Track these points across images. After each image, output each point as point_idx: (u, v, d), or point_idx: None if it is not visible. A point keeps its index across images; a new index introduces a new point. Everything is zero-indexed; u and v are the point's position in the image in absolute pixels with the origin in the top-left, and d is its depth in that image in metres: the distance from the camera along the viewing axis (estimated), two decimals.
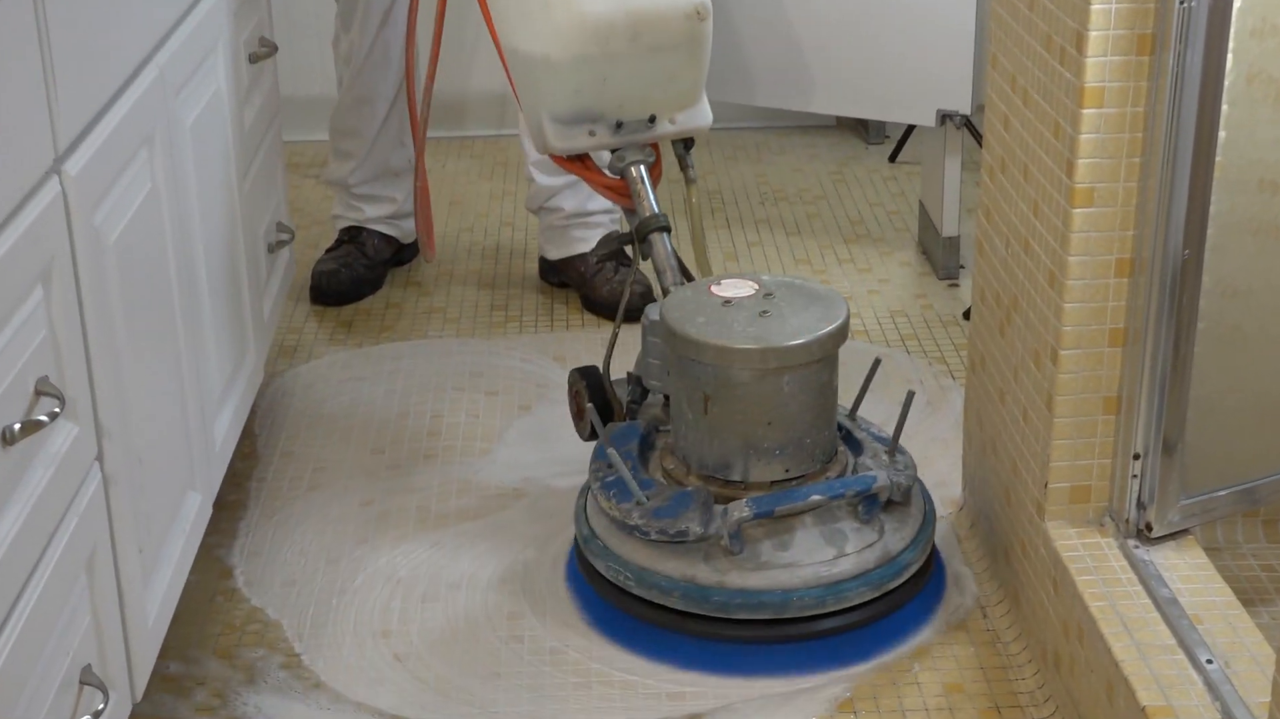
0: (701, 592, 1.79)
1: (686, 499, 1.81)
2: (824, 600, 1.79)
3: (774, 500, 1.79)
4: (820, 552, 1.80)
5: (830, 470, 1.88)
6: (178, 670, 1.85)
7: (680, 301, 1.89)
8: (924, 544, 1.88)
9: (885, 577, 1.82)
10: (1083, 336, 1.71)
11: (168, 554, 1.70)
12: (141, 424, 1.61)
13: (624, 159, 2.10)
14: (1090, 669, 1.63)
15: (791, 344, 1.80)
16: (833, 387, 1.87)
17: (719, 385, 1.82)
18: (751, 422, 1.83)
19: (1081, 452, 1.75)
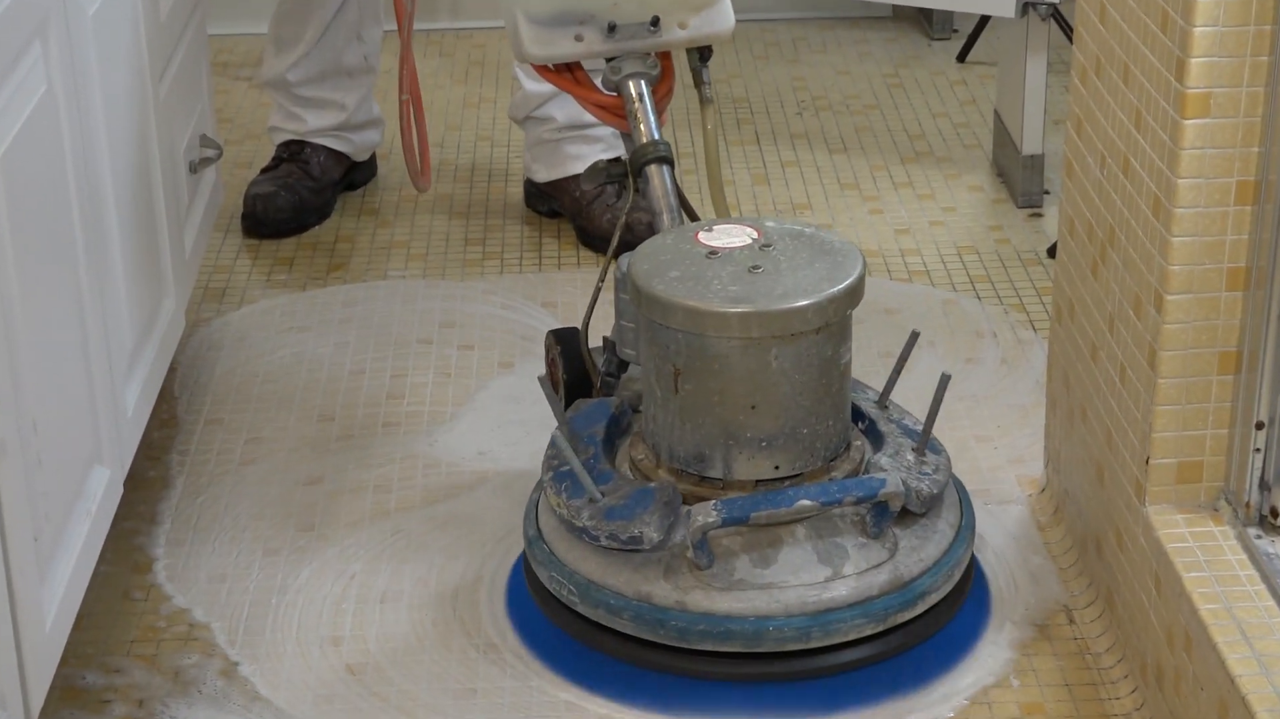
0: (657, 614, 1.75)
1: (647, 497, 1.78)
2: (808, 633, 1.74)
3: (750, 504, 1.75)
4: (810, 571, 1.76)
5: (836, 470, 1.84)
6: (94, 682, 1.87)
7: (654, 250, 1.85)
8: (951, 569, 1.83)
9: (892, 607, 1.77)
10: (1194, 278, 1.71)
11: (69, 542, 1.72)
12: (36, 384, 1.61)
13: (619, 71, 2.07)
14: (1200, 686, 1.65)
15: (781, 308, 1.75)
16: (840, 363, 1.81)
17: (691, 357, 1.78)
18: (731, 405, 1.78)
19: (1192, 420, 1.76)
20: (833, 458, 1.84)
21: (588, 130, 2.79)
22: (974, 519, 1.91)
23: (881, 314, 2.60)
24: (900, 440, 1.89)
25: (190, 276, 2.34)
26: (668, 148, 2.05)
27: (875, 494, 1.77)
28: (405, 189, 2.98)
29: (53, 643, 1.63)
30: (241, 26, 3.62)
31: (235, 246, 2.81)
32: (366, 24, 2.85)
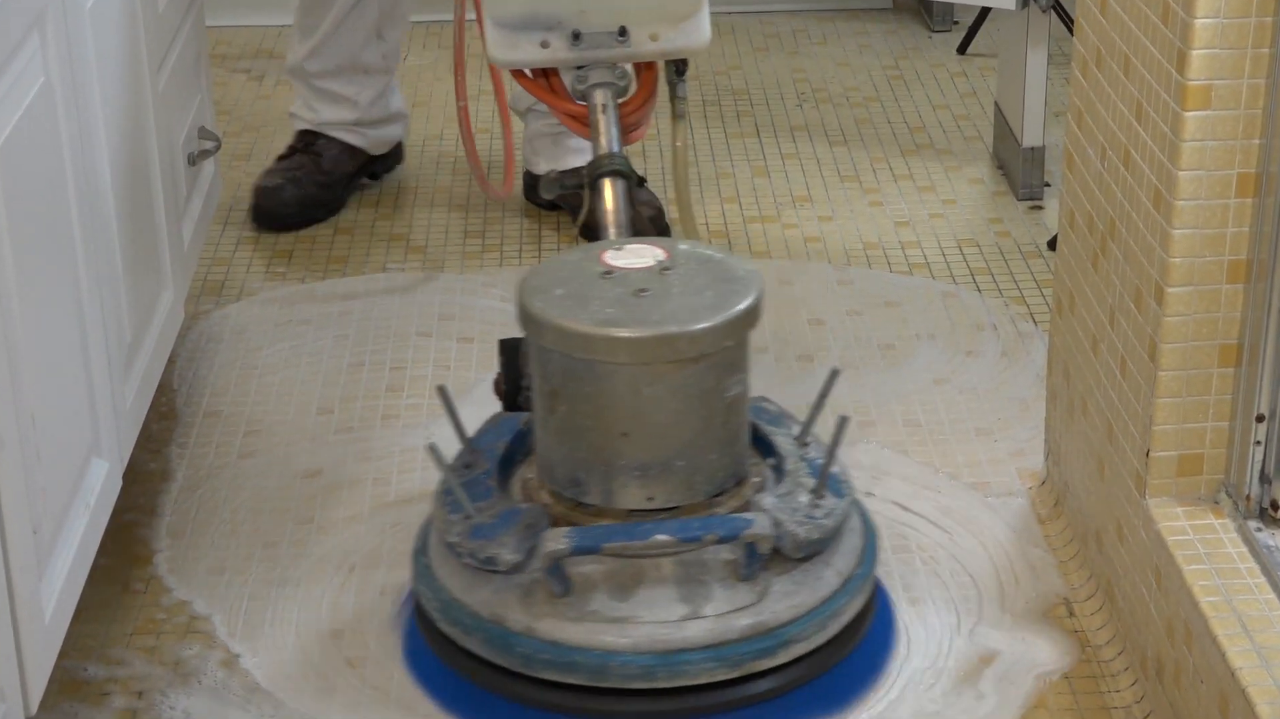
0: (505, 637, 1.73)
1: (512, 519, 1.76)
2: (654, 672, 1.70)
3: (604, 535, 1.72)
4: (667, 608, 1.71)
5: (720, 506, 1.79)
6: (94, 673, 1.87)
7: (553, 267, 1.82)
8: (826, 619, 1.76)
9: (750, 653, 1.72)
10: (1195, 271, 1.71)
11: (68, 535, 1.72)
12: (34, 377, 1.61)
13: (586, 80, 2.05)
14: (1200, 679, 1.65)
15: (649, 334, 1.70)
16: (725, 395, 1.76)
17: (566, 379, 1.75)
18: (603, 430, 1.74)
19: (1192, 413, 1.76)
20: (717, 493, 1.79)
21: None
22: (872, 569, 1.84)
23: (882, 307, 2.60)
24: (802, 480, 1.83)
25: (189, 269, 2.33)
26: (623, 161, 2.02)
27: (737, 535, 1.72)
28: (406, 182, 2.98)
29: (52, 635, 1.63)
30: (240, 18, 3.61)
31: (234, 239, 2.81)
32: (387, 25, 2.83)
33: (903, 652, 1.89)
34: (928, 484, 2.19)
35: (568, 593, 1.72)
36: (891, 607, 1.93)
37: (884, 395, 2.38)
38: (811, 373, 2.44)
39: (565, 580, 1.72)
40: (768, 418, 1.94)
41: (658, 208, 2.77)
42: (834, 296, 2.64)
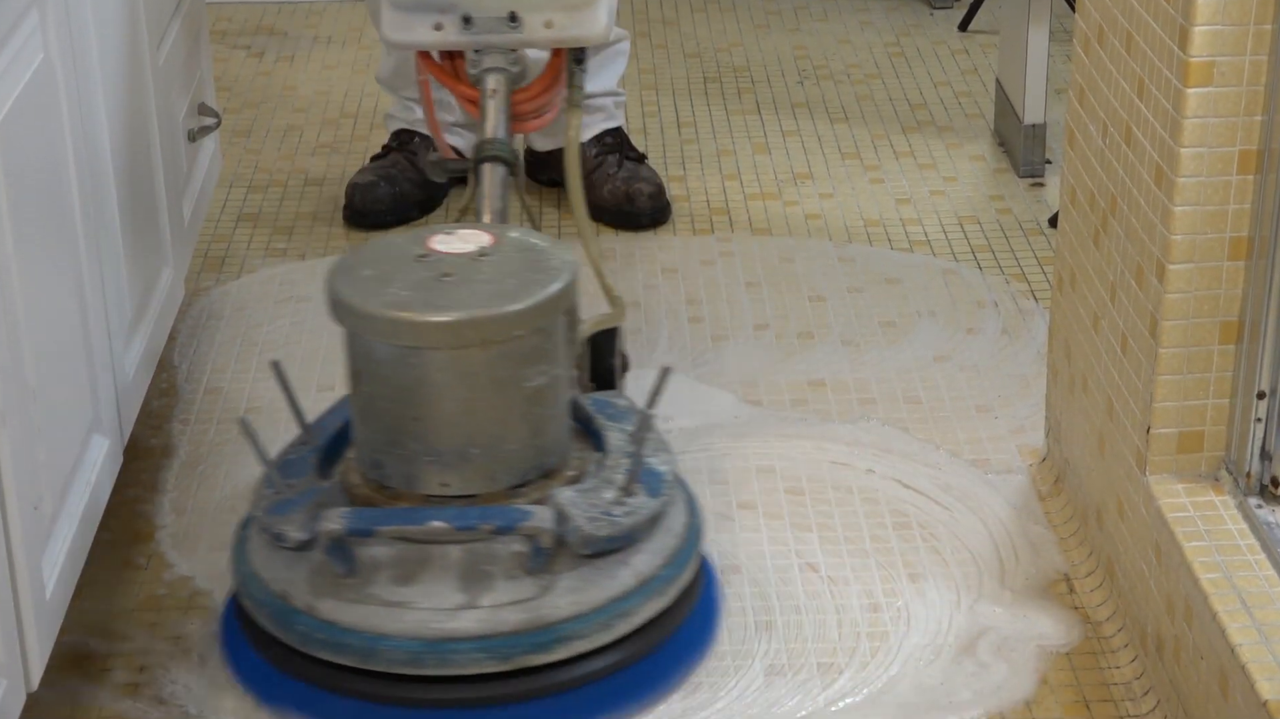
0: (287, 614, 1.72)
1: (310, 496, 1.76)
2: (421, 658, 1.68)
3: (380, 518, 1.70)
4: (444, 596, 1.69)
5: (521, 497, 1.76)
6: (96, 648, 1.87)
7: (374, 247, 1.81)
8: (611, 619, 1.72)
9: (521, 647, 1.69)
10: (1196, 247, 1.71)
11: (70, 511, 1.72)
12: (35, 351, 1.61)
13: (478, 65, 2.05)
14: (1200, 655, 1.65)
15: (430, 319, 1.69)
16: (524, 385, 1.73)
17: (363, 359, 1.75)
18: (397, 414, 1.74)
19: (1193, 390, 1.76)
20: (519, 484, 1.77)
21: (589, 101, 2.78)
22: (679, 573, 1.79)
23: (882, 284, 2.60)
24: (614, 477, 1.79)
25: (189, 245, 2.33)
26: (504, 146, 2.02)
27: (514, 526, 1.69)
28: None
29: (53, 611, 1.64)
30: None
31: (234, 215, 2.81)
32: None
33: (902, 629, 1.90)
34: (928, 461, 2.19)
35: (352, 574, 1.71)
36: (716, 609, 1.89)
37: (885, 372, 2.38)
38: (812, 349, 2.44)
39: (350, 561, 1.70)
40: (611, 412, 1.90)
41: (657, 184, 2.76)
42: (835, 274, 2.64)
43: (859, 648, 1.88)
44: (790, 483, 2.15)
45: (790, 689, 1.82)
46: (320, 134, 3.10)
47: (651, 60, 3.41)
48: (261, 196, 2.89)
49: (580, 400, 1.90)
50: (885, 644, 1.88)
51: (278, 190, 2.91)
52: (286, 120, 3.16)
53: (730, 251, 2.71)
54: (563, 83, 2.11)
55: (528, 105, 2.10)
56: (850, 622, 1.91)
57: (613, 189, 2.75)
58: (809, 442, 2.23)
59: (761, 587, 1.97)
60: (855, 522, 2.08)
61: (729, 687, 1.82)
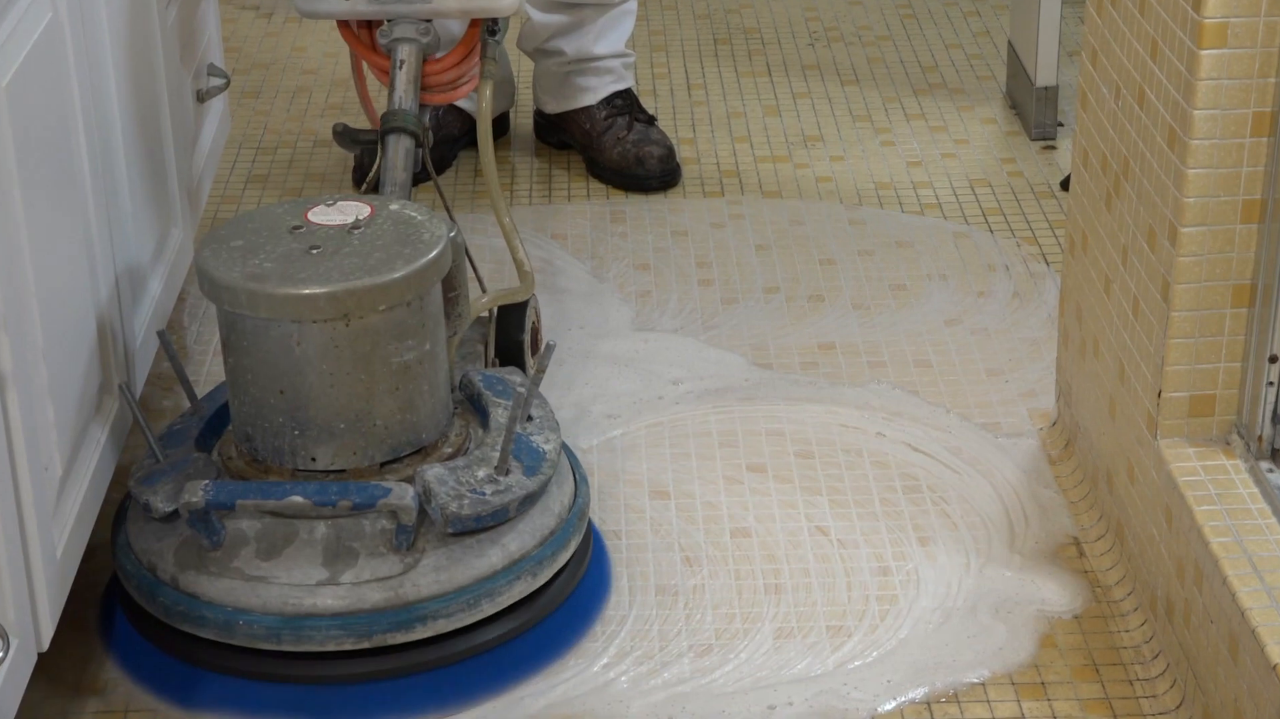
0: (152, 585, 1.73)
1: (180, 467, 1.76)
2: (279, 634, 1.68)
3: (240, 491, 1.69)
4: (306, 572, 1.69)
5: (391, 472, 1.75)
6: (108, 609, 1.87)
7: (252, 216, 1.79)
8: (476, 598, 1.71)
9: (381, 625, 1.68)
10: (1209, 210, 1.70)
11: (80, 473, 1.72)
12: (44, 313, 1.61)
13: (389, 34, 2.06)
14: (1210, 619, 1.65)
15: (285, 291, 1.67)
16: (391, 361, 1.72)
17: (229, 330, 1.74)
18: (262, 386, 1.73)
19: (1205, 353, 1.75)
20: (390, 460, 1.75)
21: (596, 64, 2.77)
22: (555, 553, 1.78)
23: (893, 247, 2.60)
24: (491, 454, 1.76)
25: (198, 206, 2.33)
26: (409, 118, 2.01)
27: (374, 503, 1.67)
28: None
29: (63, 573, 1.64)
30: None
31: (243, 176, 2.80)
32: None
33: (912, 593, 1.90)
34: (938, 424, 2.19)
35: (217, 547, 1.71)
36: (606, 592, 1.88)
37: (895, 336, 2.38)
38: (822, 313, 2.43)
39: (215, 533, 1.70)
40: (501, 389, 1.87)
41: (668, 146, 2.75)
42: (845, 236, 2.63)
43: (868, 611, 1.88)
44: (800, 446, 2.15)
45: (799, 652, 1.82)
46: (329, 95, 3.09)
47: (662, 22, 3.39)
48: (270, 158, 2.88)
49: (471, 376, 1.88)
50: (895, 607, 1.88)
51: (287, 152, 2.90)
52: (295, 81, 3.15)
53: (740, 214, 2.70)
54: (477, 54, 2.10)
55: (441, 77, 2.09)
56: (860, 585, 1.91)
57: (622, 152, 2.74)
58: (819, 405, 2.23)
59: (771, 550, 1.97)
60: (865, 485, 2.08)
61: (738, 649, 1.83)
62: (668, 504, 2.05)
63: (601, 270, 2.54)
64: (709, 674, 1.80)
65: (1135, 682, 1.77)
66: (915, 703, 1.75)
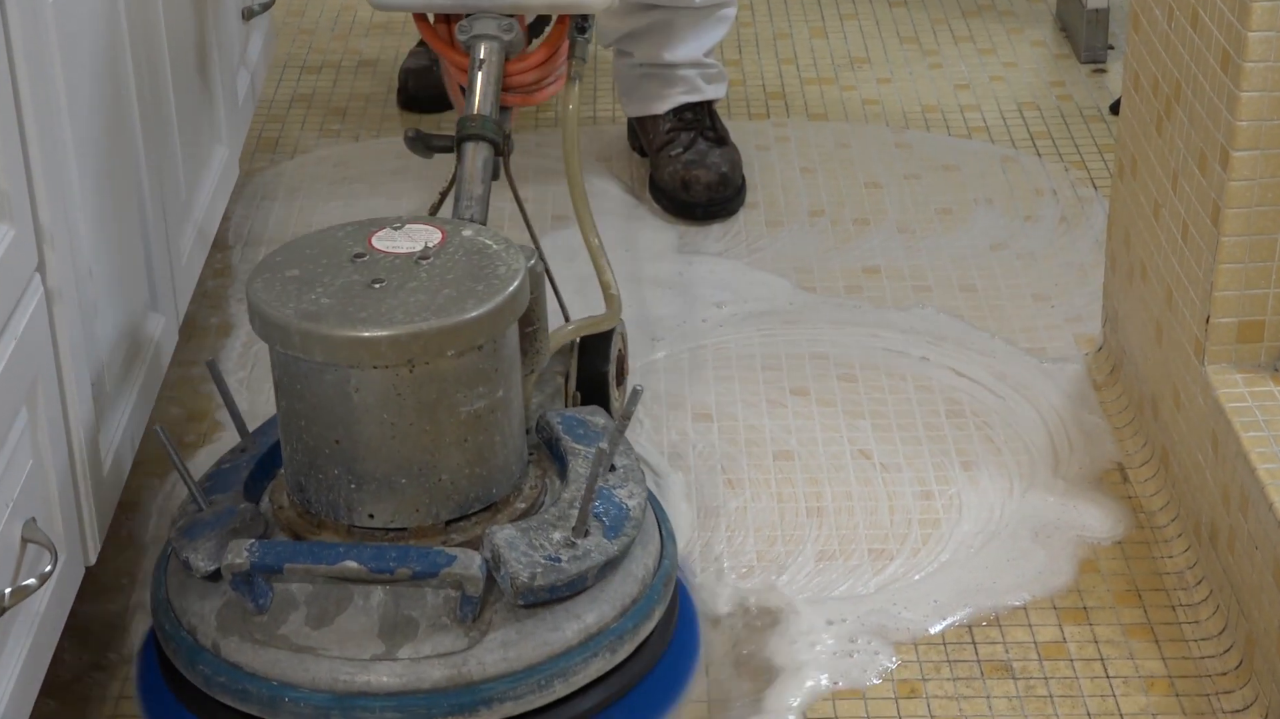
0: (193, 653, 1.55)
1: (225, 519, 1.58)
2: (327, 714, 1.49)
3: (289, 553, 1.52)
4: (362, 644, 1.51)
5: (461, 532, 1.58)
6: (155, 526, 1.89)
7: (309, 241, 1.62)
8: (548, 679, 1.52)
9: (440, 708, 1.49)
10: (1262, 134, 1.69)
11: (127, 388, 1.73)
12: (91, 230, 1.62)
13: (468, 30, 1.85)
14: (1254, 546, 1.64)
15: (345, 334, 1.48)
16: (460, 410, 1.54)
17: (281, 372, 1.57)
18: (316, 434, 1.55)
19: (1255, 278, 1.74)
20: (457, 518, 1.58)
21: (667, 71, 2.54)
22: (639, 625, 1.59)
23: (940, 171, 2.58)
24: (569, 512, 1.57)
25: (243, 125, 2.33)
26: (489, 125, 1.81)
27: (436, 571, 1.49)
28: None
29: (110, 487, 1.65)
30: None
31: (288, 96, 2.80)
32: None
33: (954, 517, 1.90)
34: (983, 349, 2.18)
35: (264, 611, 1.53)
36: (689, 661, 1.69)
37: (941, 260, 2.37)
38: (868, 236, 2.42)
39: (262, 596, 1.53)
40: (582, 433, 1.68)
41: (721, 173, 2.46)
42: (891, 160, 2.61)
43: (910, 534, 1.88)
44: (843, 370, 2.15)
45: (841, 574, 1.83)
46: (373, 15, 3.08)
47: None
48: (315, 78, 2.88)
49: (549, 418, 1.70)
50: (937, 531, 1.88)
51: (331, 71, 2.90)
52: (340, 0, 3.14)
53: (786, 137, 2.69)
54: (564, 53, 1.93)
55: (524, 77, 1.91)
56: (902, 508, 1.92)
57: (672, 172, 2.48)
58: (863, 329, 2.22)
59: (813, 473, 1.97)
60: (909, 409, 2.07)
61: (781, 571, 1.83)
62: (710, 427, 2.05)
63: (644, 194, 2.53)
64: (754, 594, 1.80)
65: (1178, 607, 1.76)
66: (958, 625, 1.75)
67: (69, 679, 1.68)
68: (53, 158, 1.51)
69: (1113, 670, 1.69)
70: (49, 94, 1.51)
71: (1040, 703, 1.65)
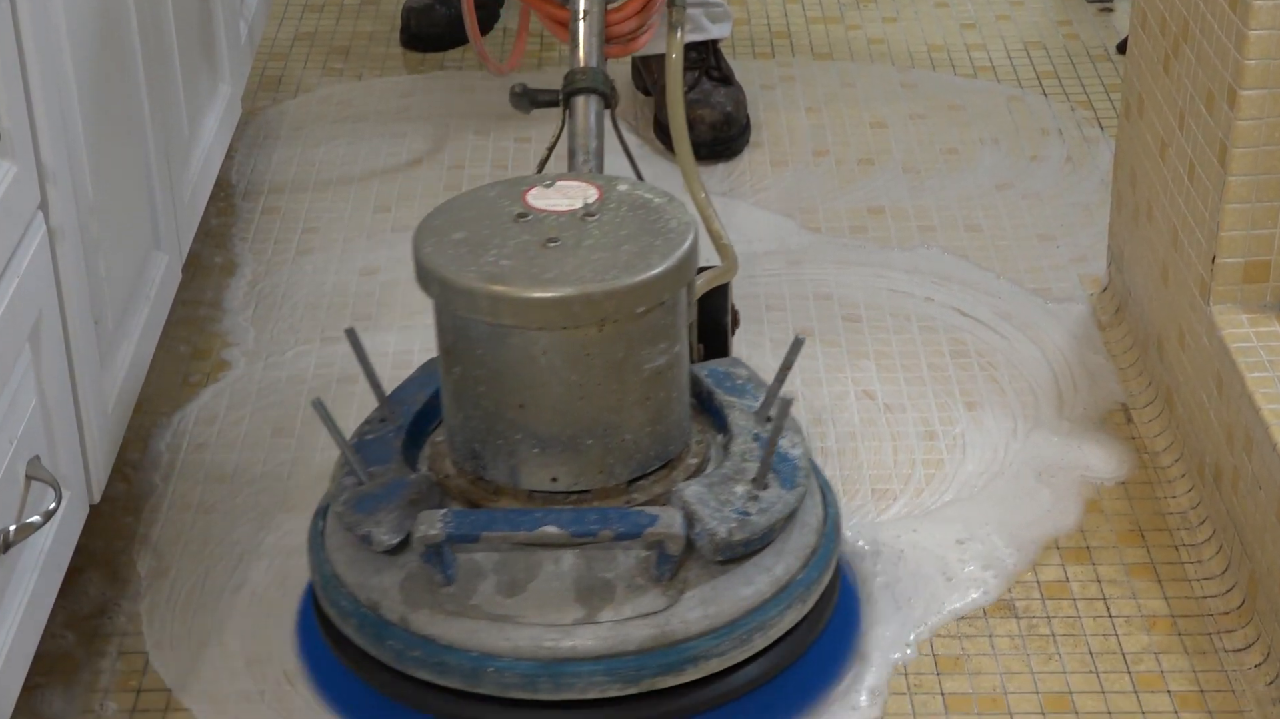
0: (379, 627, 1.51)
1: (399, 491, 1.54)
2: (535, 681, 1.46)
3: (485, 521, 1.49)
4: (560, 609, 1.48)
5: (640, 491, 1.55)
6: (160, 462, 1.89)
7: (464, 203, 1.58)
8: (748, 633, 1.51)
9: (649, 668, 1.47)
10: (1270, 73, 1.68)
11: (130, 326, 1.73)
12: (94, 167, 1.61)
13: None
14: (1258, 486, 1.64)
15: (537, 295, 1.45)
16: (644, 368, 1.51)
17: (456, 337, 1.52)
18: (498, 399, 1.51)
19: (1261, 218, 1.73)
20: (638, 477, 1.56)
21: (670, 7, 2.53)
22: (822, 573, 1.57)
23: (945, 110, 2.57)
24: (744, 466, 1.56)
25: (246, 63, 2.32)
26: (599, 77, 1.79)
27: (640, 532, 1.47)
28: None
29: (114, 425, 1.66)
30: None
31: (291, 34, 2.79)
32: None
33: (958, 457, 1.90)
34: (988, 289, 2.18)
35: (450, 583, 1.50)
36: (857, 607, 1.68)
37: (946, 200, 2.36)
38: (872, 176, 2.42)
39: (448, 568, 1.50)
40: (730, 385, 1.67)
41: (726, 112, 2.46)
42: (897, 99, 2.60)
43: (914, 475, 1.88)
44: (848, 310, 2.14)
45: (845, 513, 1.83)
46: None
47: None
48: (318, 15, 2.86)
49: (697, 373, 1.67)
50: (940, 471, 1.88)
51: (334, 9, 2.89)
52: None
53: (791, 76, 2.67)
54: (656, 2, 1.91)
55: (621, 27, 1.89)
56: (906, 448, 1.92)
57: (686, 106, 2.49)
58: (867, 269, 2.22)
59: (817, 413, 1.97)
60: (913, 349, 2.07)
61: None
62: None
63: (649, 134, 2.52)
64: None
65: (1181, 547, 1.77)
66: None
67: (88, 613, 1.69)
68: (54, 95, 1.50)
69: (1115, 610, 1.69)
70: (50, 31, 1.50)
71: (1042, 642, 1.66)
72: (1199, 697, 1.59)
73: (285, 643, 1.66)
